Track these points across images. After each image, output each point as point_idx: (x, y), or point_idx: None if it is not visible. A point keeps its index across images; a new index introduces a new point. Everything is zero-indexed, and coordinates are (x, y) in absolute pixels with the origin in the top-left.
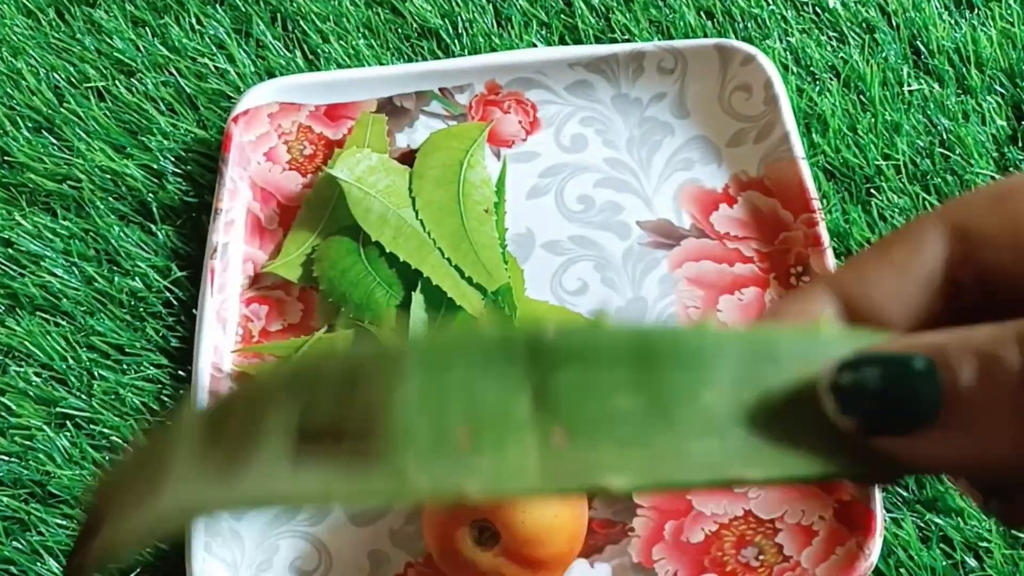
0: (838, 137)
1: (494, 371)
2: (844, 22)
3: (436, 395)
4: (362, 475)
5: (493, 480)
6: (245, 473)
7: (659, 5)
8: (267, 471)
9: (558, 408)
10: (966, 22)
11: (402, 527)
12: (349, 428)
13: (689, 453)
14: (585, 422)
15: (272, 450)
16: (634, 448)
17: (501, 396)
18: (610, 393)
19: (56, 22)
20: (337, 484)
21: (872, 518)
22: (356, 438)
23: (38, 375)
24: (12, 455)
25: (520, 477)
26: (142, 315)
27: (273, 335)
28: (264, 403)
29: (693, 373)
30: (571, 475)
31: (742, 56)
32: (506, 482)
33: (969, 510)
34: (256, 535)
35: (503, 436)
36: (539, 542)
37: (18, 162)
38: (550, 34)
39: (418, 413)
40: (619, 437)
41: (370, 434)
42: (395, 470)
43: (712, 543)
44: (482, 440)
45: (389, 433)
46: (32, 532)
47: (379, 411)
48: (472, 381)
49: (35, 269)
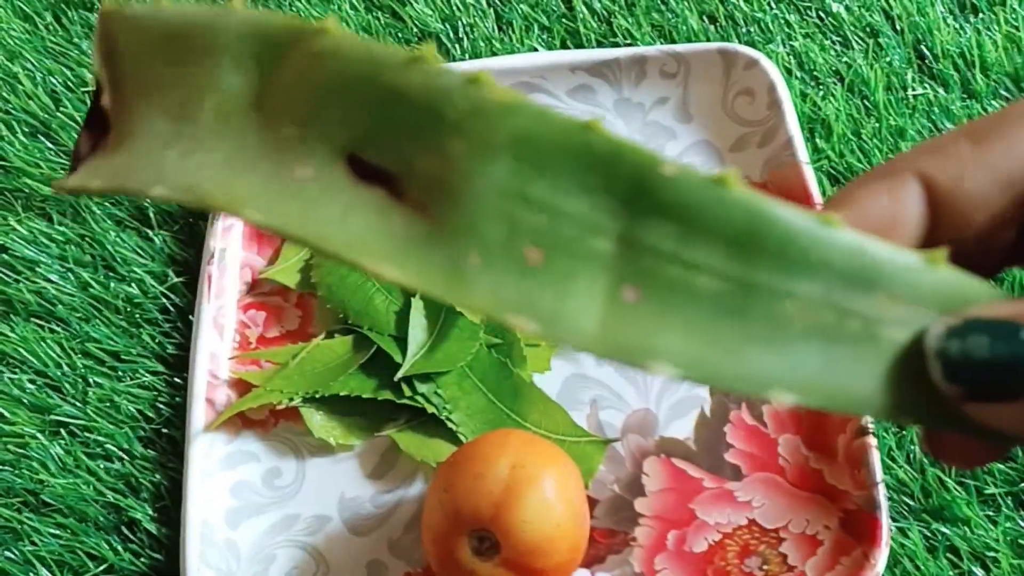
0: (842, 142)
1: (589, 193)
2: (848, 26)
3: (518, 195)
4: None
5: (550, 322)
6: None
7: (661, 9)
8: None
9: (640, 261)
10: (971, 26)
11: (401, 536)
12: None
13: (746, 359)
14: (661, 288)
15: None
16: (696, 335)
17: (586, 224)
18: (698, 267)
19: (53, 26)
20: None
21: (878, 527)
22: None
23: (32, 382)
24: (5, 463)
25: (577, 327)
26: (138, 321)
27: (271, 341)
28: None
29: (787, 277)
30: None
31: (745, 60)
32: (562, 328)
33: (976, 519)
34: (252, 544)
35: (575, 269)
36: (540, 552)
37: (14, 167)
38: (551, 38)
39: (496, 209)
40: (687, 318)
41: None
42: (456, 264)
43: (715, 553)
44: (552, 267)
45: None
46: (25, 542)
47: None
48: (560, 195)
49: (30, 275)
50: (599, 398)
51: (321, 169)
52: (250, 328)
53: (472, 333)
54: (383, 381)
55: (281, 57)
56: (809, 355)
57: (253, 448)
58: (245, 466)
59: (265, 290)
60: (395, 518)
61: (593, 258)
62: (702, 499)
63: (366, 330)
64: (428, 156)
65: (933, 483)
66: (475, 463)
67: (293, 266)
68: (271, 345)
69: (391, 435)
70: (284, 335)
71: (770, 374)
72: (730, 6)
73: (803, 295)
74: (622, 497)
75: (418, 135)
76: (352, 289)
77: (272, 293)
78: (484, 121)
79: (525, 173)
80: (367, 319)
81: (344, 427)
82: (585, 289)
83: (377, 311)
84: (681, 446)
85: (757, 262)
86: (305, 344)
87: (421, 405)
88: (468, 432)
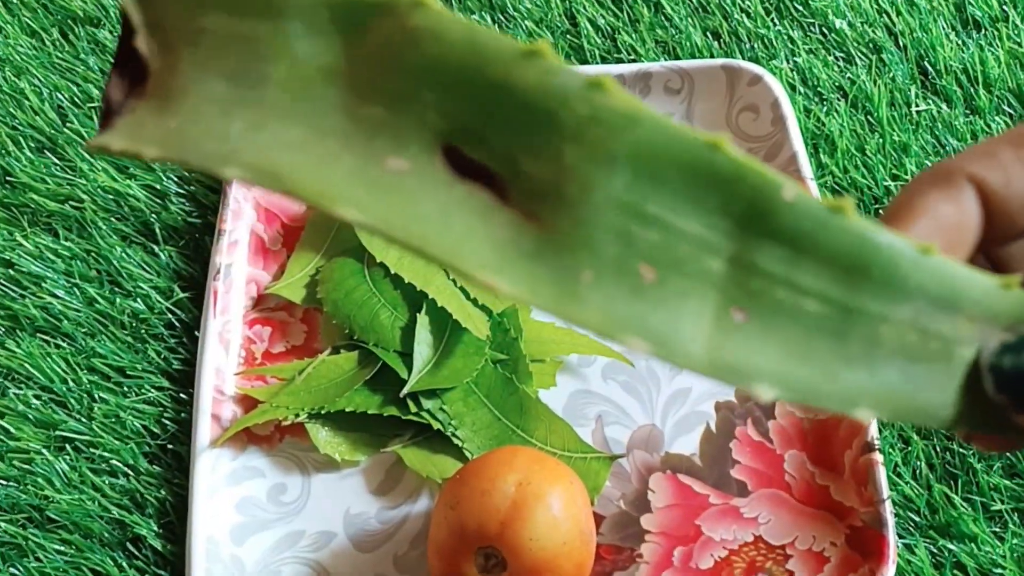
0: (846, 157)
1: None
2: (851, 42)
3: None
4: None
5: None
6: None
7: (665, 25)
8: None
9: (750, 283)
10: (973, 42)
11: (406, 553)
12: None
13: (839, 378)
14: (768, 310)
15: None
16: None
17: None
18: (805, 291)
19: (60, 42)
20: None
21: (885, 544)
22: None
23: (38, 397)
24: (10, 479)
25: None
26: (144, 337)
27: (276, 357)
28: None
29: (887, 303)
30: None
31: (749, 76)
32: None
33: (983, 535)
34: (257, 561)
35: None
36: (547, 569)
37: (20, 182)
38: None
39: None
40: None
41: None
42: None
43: (722, 569)
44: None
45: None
46: (30, 558)
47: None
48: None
49: (36, 290)
50: (604, 414)
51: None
52: (256, 343)
53: (477, 349)
54: (388, 397)
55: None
56: (892, 373)
57: (259, 464)
58: (251, 482)
59: (271, 305)
60: (401, 534)
61: (705, 278)
62: (708, 515)
63: (372, 346)
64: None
65: (940, 499)
66: (481, 480)
67: (299, 281)
68: (277, 361)
69: (396, 451)
70: (290, 350)
71: (858, 392)
72: (734, 22)
73: (897, 319)
74: (628, 513)
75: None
76: (357, 304)
77: (278, 308)
78: (605, 129)
79: (644, 188)
80: (372, 335)
81: (349, 443)
82: (695, 309)
83: (383, 326)
84: (687, 462)
85: (861, 287)
86: (311, 360)
87: (427, 421)
88: (474, 448)
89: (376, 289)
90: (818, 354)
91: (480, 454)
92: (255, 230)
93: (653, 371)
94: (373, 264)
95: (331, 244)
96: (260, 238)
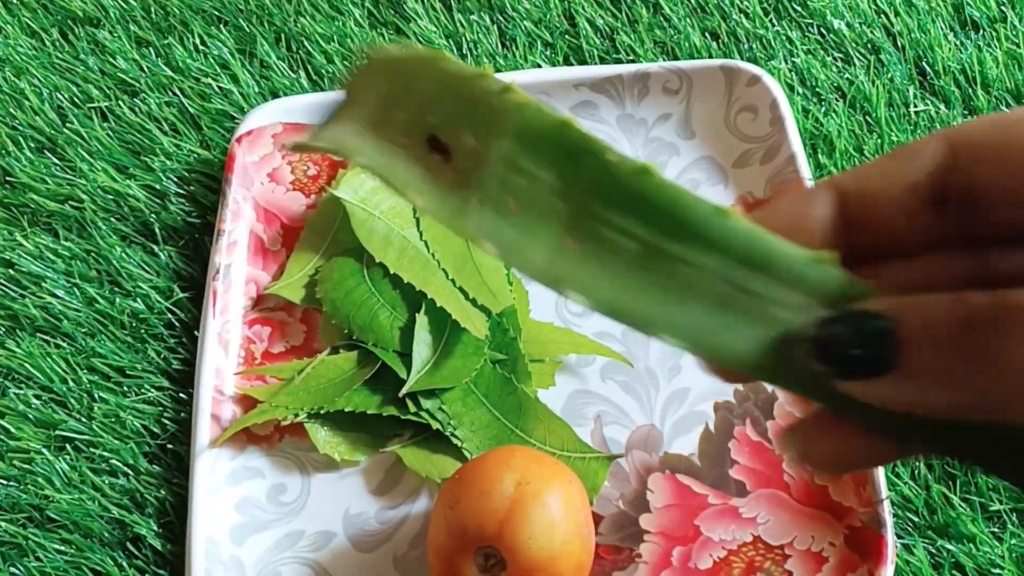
0: (844, 158)
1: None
2: (849, 43)
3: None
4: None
5: (510, 251)
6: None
7: (664, 26)
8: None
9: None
10: (971, 43)
11: (406, 553)
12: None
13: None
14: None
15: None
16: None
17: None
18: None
19: (60, 42)
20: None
21: (883, 544)
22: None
23: (38, 397)
24: (10, 479)
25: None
26: (143, 337)
27: (276, 357)
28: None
29: (690, 252)
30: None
31: (747, 77)
32: (517, 257)
33: (981, 536)
34: (257, 561)
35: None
36: (546, 569)
37: (20, 182)
38: (554, 55)
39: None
40: (607, 266)
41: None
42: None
43: (720, 569)
44: (524, 215)
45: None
46: (30, 558)
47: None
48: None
49: (36, 290)
50: (603, 414)
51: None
52: (255, 343)
53: (476, 349)
54: (388, 397)
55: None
56: (703, 314)
57: (258, 464)
58: (250, 482)
59: (270, 305)
60: (400, 534)
61: (552, 214)
62: (707, 515)
63: (371, 346)
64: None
65: (938, 500)
66: (481, 480)
67: (298, 281)
68: (276, 360)
69: (396, 451)
70: (289, 350)
71: (661, 320)
72: (732, 23)
73: (702, 265)
74: (627, 513)
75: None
76: (357, 304)
77: (277, 308)
78: (504, 114)
79: (521, 150)
80: (371, 334)
81: (349, 443)
82: (541, 233)
83: (381, 326)
84: (685, 462)
85: (670, 234)
86: (310, 360)
87: (426, 421)
88: (473, 448)
89: (375, 289)
90: (629, 282)
91: (479, 454)
92: (254, 230)
93: (652, 371)
94: (372, 264)
95: (330, 244)
96: (259, 238)
